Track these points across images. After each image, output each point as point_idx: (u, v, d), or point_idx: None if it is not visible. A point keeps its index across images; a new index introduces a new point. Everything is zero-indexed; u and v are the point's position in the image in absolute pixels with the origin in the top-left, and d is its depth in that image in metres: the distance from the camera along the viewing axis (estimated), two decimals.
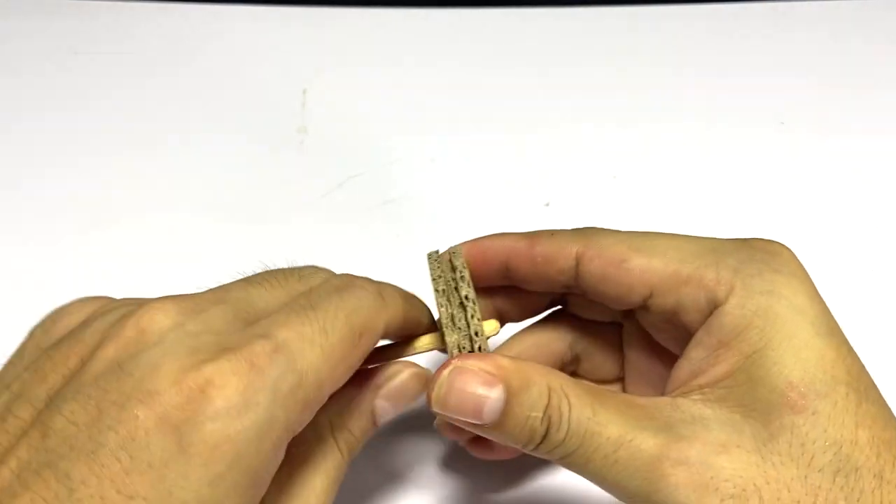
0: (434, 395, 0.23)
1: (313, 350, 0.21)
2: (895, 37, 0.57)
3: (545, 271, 0.27)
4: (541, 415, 0.23)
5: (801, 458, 0.22)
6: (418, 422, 0.35)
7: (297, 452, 0.24)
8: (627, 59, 0.56)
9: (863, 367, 0.24)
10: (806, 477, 0.21)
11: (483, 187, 0.47)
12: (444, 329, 0.25)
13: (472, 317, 0.25)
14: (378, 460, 0.34)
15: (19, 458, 0.19)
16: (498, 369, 0.23)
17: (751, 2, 0.60)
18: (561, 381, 0.23)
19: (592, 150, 0.49)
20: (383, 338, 0.25)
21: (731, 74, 0.54)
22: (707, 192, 0.46)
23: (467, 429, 0.24)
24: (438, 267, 0.26)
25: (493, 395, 0.22)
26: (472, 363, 0.23)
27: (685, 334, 0.26)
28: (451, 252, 0.27)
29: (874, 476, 0.21)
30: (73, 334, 0.22)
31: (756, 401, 0.22)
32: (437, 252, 0.28)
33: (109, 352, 0.20)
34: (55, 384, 0.20)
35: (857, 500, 0.21)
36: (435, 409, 0.23)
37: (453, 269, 0.26)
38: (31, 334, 0.23)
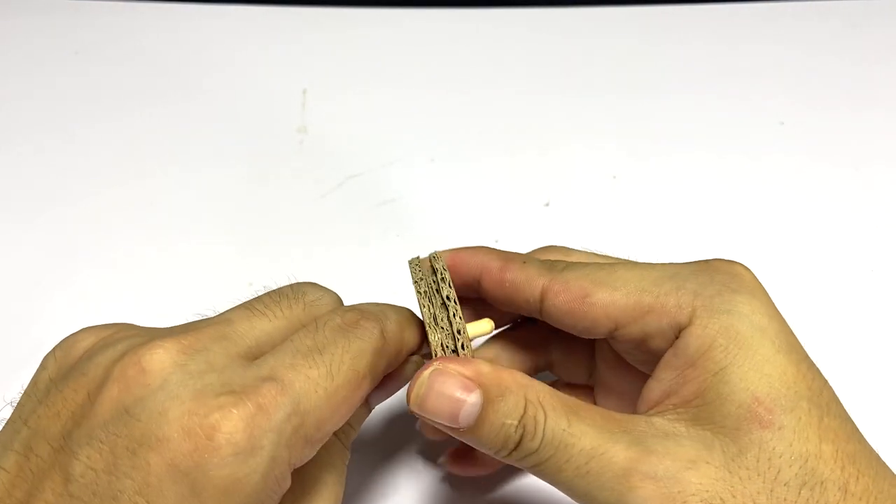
0: (413, 395, 0.24)
1: (318, 392, 0.22)
2: (895, 37, 0.57)
3: (512, 298, 0.27)
4: (516, 422, 0.23)
5: (767, 473, 0.22)
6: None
7: None
8: (627, 59, 0.56)
9: (825, 382, 0.24)
10: (772, 490, 0.22)
11: (483, 187, 0.47)
12: (428, 329, 0.25)
13: (455, 315, 0.25)
14: (371, 458, 0.34)
15: (47, 503, 0.20)
16: (477, 375, 0.24)
17: (751, 2, 0.60)
18: (538, 392, 0.24)
19: (592, 150, 0.49)
20: (387, 372, 0.26)
21: (730, 74, 0.54)
22: (707, 191, 0.46)
23: (443, 431, 0.24)
24: (420, 271, 0.27)
25: (470, 400, 0.23)
26: (452, 367, 0.24)
27: (654, 357, 0.26)
28: (432, 256, 0.27)
29: (839, 489, 0.22)
30: (78, 367, 0.22)
31: (725, 417, 0.23)
32: (417, 258, 0.28)
33: (114, 392, 0.21)
34: (67, 421, 0.21)
35: None
36: (413, 409, 0.24)
37: (434, 271, 0.27)
38: (44, 365, 0.24)
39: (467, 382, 0.23)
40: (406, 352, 0.27)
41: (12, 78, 0.54)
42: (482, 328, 0.27)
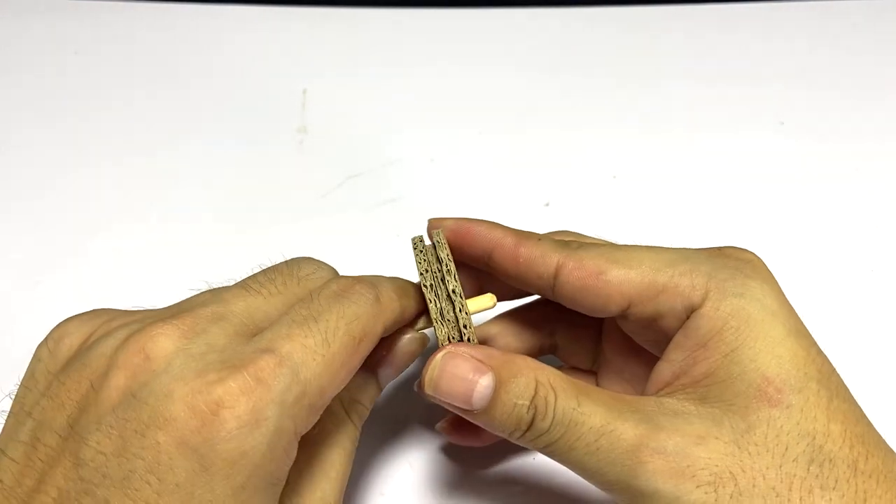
0: (427, 378, 0.25)
1: (315, 360, 0.22)
2: (895, 37, 0.57)
3: (525, 273, 0.27)
4: (528, 403, 0.24)
5: (776, 449, 0.22)
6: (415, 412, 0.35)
7: (314, 433, 0.25)
8: (627, 59, 0.56)
9: (832, 367, 0.25)
10: (781, 466, 0.22)
11: (483, 187, 0.47)
12: (435, 323, 0.26)
13: (461, 310, 0.26)
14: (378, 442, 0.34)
15: (59, 488, 0.20)
16: (488, 357, 0.24)
17: (751, 2, 0.60)
18: (548, 375, 0.24)
19: (592, 150, 0.49)
20: (385, 335, 0.26)
21: (730, 74, 0.54)
22: (707, 191, 0.46)
23: (457, 413, 0.25)
24: (424, 259, 0.27)
25: (483, 382, 0.24)
26: (465, 350, 0.24)
27: (663, 337, 0.26)
28: (436, 241, 0.27)
29: (848, 466, 0.22)
30: (79, 358, 0.23)
31: (735, 396, 0.23)
32: (421, 238, 0.29)
33: (120, 380, 0.21)
34: (72, 411, 0.22)
35: (833, 489, 0.22)
36: (427, 391, 0.25)
37: (438, 260, 0.27)
38: (38, 357, 0.24)
39: (479, 365, 0.24)
40: (405, 317, 0.27)
41: (12, 78, 0.54)
42: (484, 303, 0.27)
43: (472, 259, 0.29)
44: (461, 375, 0.24)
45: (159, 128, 0.51)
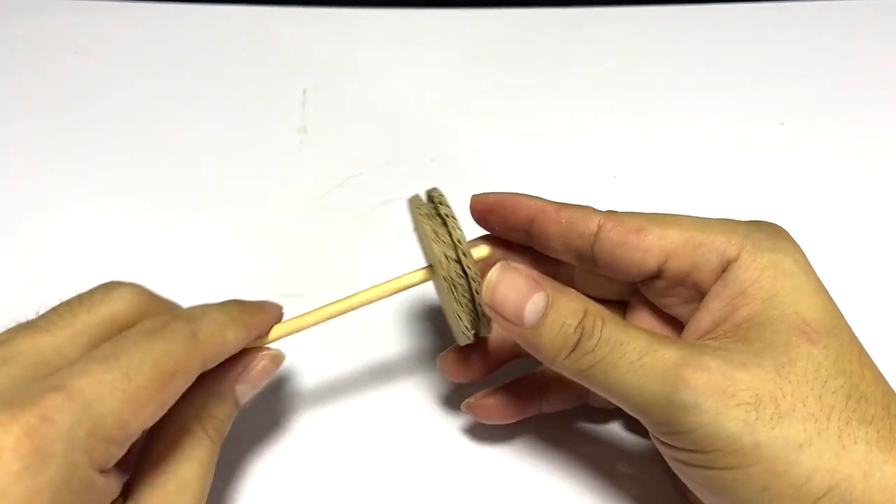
0: (486, 283, 0.26)
1: (114, 395, 0.22)
2: (895, 37, 0.57)
3: (567, 234, 0.29)
4: (575, 324, 0.25)
5: (815, 381, 0.24)
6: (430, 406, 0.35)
7: (166, 449, 0.25)
8: (627, 59, 0.56)
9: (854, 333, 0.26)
10: (820, 396, 0.23)
11: (482, 187, 0.46)
12: (430, 241, 0.27)
13: (455, 228, 0.27)
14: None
15: None
16: (542, 279, 0.26)
17: (751, 2, 0.60)
18: (596, 305, 0.26)
19: (592, 150, 0.49)
20: (204, 369, 0.26)
21: (730, 74, 0.54)
22: (707, 192, 0.46)
23: (505, 329, 0.26)
24: (420, 202, 0.29)
25: (535, 299, 0.25)
26: (521, 267, 0.26)
27: (695, 294, 0.28)
28: (428, 190, 0.30)
29: (882, 407, 0.24)
30: None
31: (775, 334, 0.25)
32: (417, 195, 0.31)
33: None
34: None
35: (870, 423, 0.23)
36: (483, 297, 0.26)
37: (431, 199, 0.29)
38: None
39: (534, 283, 0.25)
40: (232, 349, 0.27)
41: (12, 78, 0.54)
42: (479, 253, 0.29)
43: (513, 228, 0.31)
44: (518, 288, 0.25)
45: (159, 128, 0.50)
